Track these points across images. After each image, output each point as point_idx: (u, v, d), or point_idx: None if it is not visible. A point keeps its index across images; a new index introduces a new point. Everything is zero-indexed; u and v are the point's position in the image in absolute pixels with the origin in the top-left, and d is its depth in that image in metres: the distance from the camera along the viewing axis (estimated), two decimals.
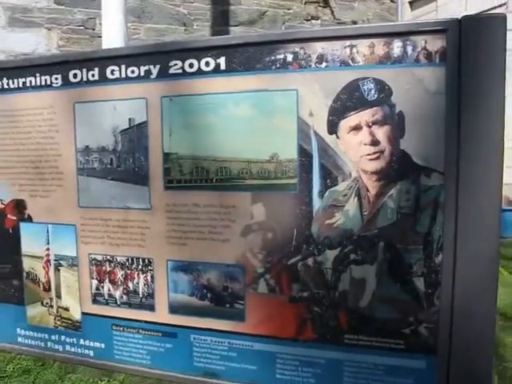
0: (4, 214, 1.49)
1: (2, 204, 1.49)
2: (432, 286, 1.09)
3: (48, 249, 1.45)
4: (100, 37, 7.72)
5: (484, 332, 1.06)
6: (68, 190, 1.39)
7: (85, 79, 1.34)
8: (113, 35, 5.82)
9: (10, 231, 1.50)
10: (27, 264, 1.49)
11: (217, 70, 1.21)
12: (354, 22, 9.15)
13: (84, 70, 1.34)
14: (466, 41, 1.03)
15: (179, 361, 1.33)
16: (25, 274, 1.50)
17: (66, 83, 1.37)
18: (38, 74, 1.41)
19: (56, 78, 1.38)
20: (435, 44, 1.05)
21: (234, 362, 1.28)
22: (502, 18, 0.98)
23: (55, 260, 1.45)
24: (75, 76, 1.35)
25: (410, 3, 9.19)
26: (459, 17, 1.03)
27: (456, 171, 1.04)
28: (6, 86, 1.46)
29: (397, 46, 1.09)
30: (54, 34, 7.79)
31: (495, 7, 4.80)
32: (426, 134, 1.08)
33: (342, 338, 1.17)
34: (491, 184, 1.01)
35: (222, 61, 1.20)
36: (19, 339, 1.54)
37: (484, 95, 1.03)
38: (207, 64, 1.21)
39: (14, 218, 1.48)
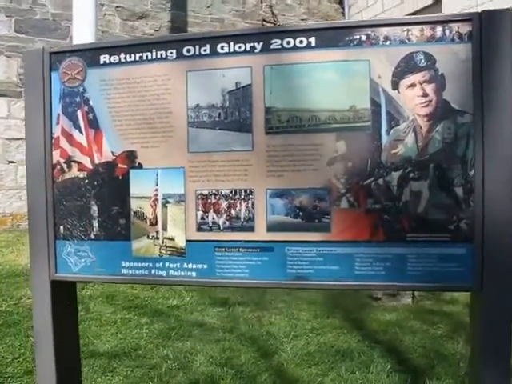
0: (115, 164, 1.96)
1: (114, 155, 1.96)
2: (468, 192, 1.69)
3: (156, 189, 1.92)
4: None
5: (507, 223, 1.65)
6: (178, 139, 1.90)
7: (197, 53, 1.89)
8: None
9: (120, 178, 1.96)
10: (135, 204, 1.96)
11: (309, 46, 1.80)
12: None
13: (197, 47, 1.89)
14: (485, 26, 1.68)
15: (275, 270, 1.83)
16: (132, 213, 1.96)
17: (180, 56, 1.91)
18: (153, 50, 1.94)
19: (171, 53, 1.91)
20: (464, 28, 1.70)
21: (320, 266, 1.80)
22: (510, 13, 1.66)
23: (163, 198, 1.92)
24: (188, 51, 1.90)
25: None
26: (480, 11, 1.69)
27: (481, 113, 1.67)
28: (123, 60, 1.97)
29: (439, 30, 1.73)
30: (15, 61, 8.19)
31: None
32: (460, 87, 1.71)
33: (405, 236, 1.73)
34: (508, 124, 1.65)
35: (312, 39, 1.80)
36: (123, 271, 1.98)
37: (497, 59, 1.67)
38: (301, 42, 1.80)
39: (125, 166, 1.95)
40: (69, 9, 8.04)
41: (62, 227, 2.04)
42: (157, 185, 1.93)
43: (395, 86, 1.75)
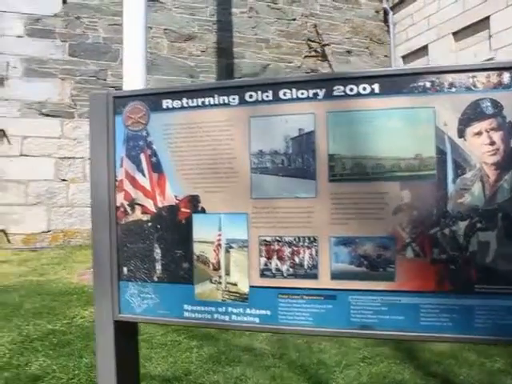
0: (178, 208, 1.99)
1: (177, 200, 1.98)
2: None
3: (220, 234, 1.94)
4: (112, 87, 8.44)
5: None
6: (241, 185, 1.91)
7: (260, 99, 1.90)
8: (133, 86, 6.49)
9: (183, 222, 1.99)
10: (198, 248, 1.97)
11: (372, 93, 1.78)
12: None
13: (259, 92, 1.90)
14: None
15: (338, 318, 1.81)
16: (195, 257, 1.98)
17: (242, 102, 1.92)
18: (215, 95, 1.96)
19: (233, 98, 1.93)
20: None
21: (385, 315, 1.77)
22: None
23: (226, 243, 1.94)
24: (251, 97, 1.91)
25: (403, 57, 10.23)
26: None
27: None
28: (185, 105, 2.00)
29: (506, 76, 1.68)
30: (68, 84, 8.47)
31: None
32: None
33: (473, 287, 1.69)
34: None
35: (376, 86, 1.78)
36: (186, 314, 1.99)
37: None
38: (364, 89, 1.79)
39: (188, 210, 1.97)
40: (119, 32, 8.27)
41: (125, 268, 2.07)
42: (220, 230, 1.95)
43: (461, 133, 1.71)
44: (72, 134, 8.46)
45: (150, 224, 2.04)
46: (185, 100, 2.01)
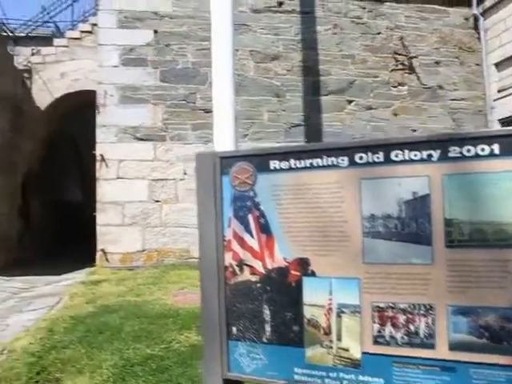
0: (288, 270, 1.97)
1: (287, 262, 1.97)
2: None
3: (330, 299, 1.90)
4: (201, 109, 8.65)
5: None
6: (353, 249, 1.86)
7: (370, 161, 1.84)
8: (222, 108, 6.58)
9: (293, 284, 1.97)
10: (308, 312, 1.94)
11: (491, 154, 1.68)
12: (440, 87, 9.74)
13: (369, 154, 1.85)
14: None
15: None
16: (305, 321, 1.95)
17: (352, 164, 1.88)
18: (324, 156, 1.92)
19: (343, 160, 1.89)
20: None
21: None
22: None
23: (337, 308, 1.89)
24: (361, 158, 1.86)
25: (496, 65, 9.70)
26: None
27: None
28: (293, 166, 1.98)
29: None
30: (159, 108, 8.79)
31: None
32: None
33: None
34: None
35: (495, 147, 1.68)
36: (296, 377, 1.97)
37: None
38: (483, 150, 1.69)
39: (298, 273, 1.95)
40: (207, 56, 8.47)
41: (234, 328, 2.08)
42: (331, 294, 1.91)
43: None
44: (164, 156, 8.74)
45: (259, 285, 2.04)
46: (292, 161, 1.99)
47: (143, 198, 8.78)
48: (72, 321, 5.11)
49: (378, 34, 9.37)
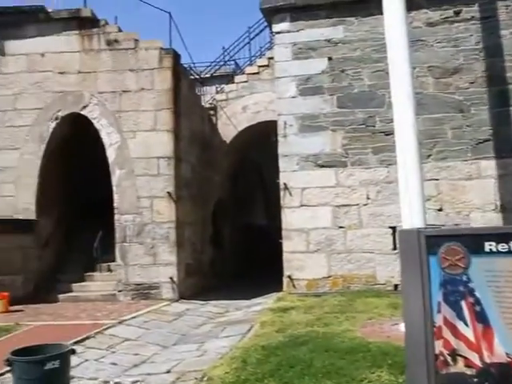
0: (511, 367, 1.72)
1: (510, 358, 1.72)
2: None
3: None
4: (381, 132, 8.43)
5: None
6: None
7: None
8: (404, 129, 6.27)
9: None
10: None
11: None
12: None
13: None
14: None
15: None
16: None
17: None
18: None
19: None
20: None
21: None
22: None
23: None
24: None
25: None
26: None
27: None
28: None
29: None
30: (338, 134, 8.77)
31: None
32: None
33: None
34: None
35: None
36: None
37: None
38: None
39: None
40: (382, 78, 8.25)
41: None
42: None
43: None
44: (346, 181, 8.66)
45: (475, 380, 1.83)
46: None
47: (327, 225, 8.80)
48: (263, 351, 5.22)
49: None
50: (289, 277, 8.89)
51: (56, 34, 9.92)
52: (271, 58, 10.48)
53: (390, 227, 8.51)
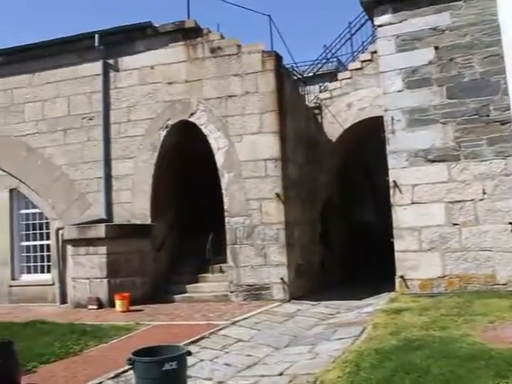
0: None
1: None
2: None
3: None
4: (496, 122, 7.90)
5: None
6: None
7: None
8: None
9: None
10: None
11: None
12: None
13: None
14: None
15: None
16: None
17: None
18: None
19: None
20: None
21: None
22: None
23: None
24: None
25: None
26: None
27: None
28: None
29: None
30: (449, 127, 8.31)
31: None
32: None
33: None
34: None
35: None
36: None
37: None
38: None
39: None
40: (496, 63, 7.67)
41: None
42: None
43: None
44: (459, 176, 8.15)
45: None
46: None
47: (440, 222, 8.38)
48: (377, 355, 5.04)
49: None
50: (401, 277, 8.57)
51: (163, 46, 10.40)
52: (374, 52, 10.16)
53: (510, 223, 7.93)
